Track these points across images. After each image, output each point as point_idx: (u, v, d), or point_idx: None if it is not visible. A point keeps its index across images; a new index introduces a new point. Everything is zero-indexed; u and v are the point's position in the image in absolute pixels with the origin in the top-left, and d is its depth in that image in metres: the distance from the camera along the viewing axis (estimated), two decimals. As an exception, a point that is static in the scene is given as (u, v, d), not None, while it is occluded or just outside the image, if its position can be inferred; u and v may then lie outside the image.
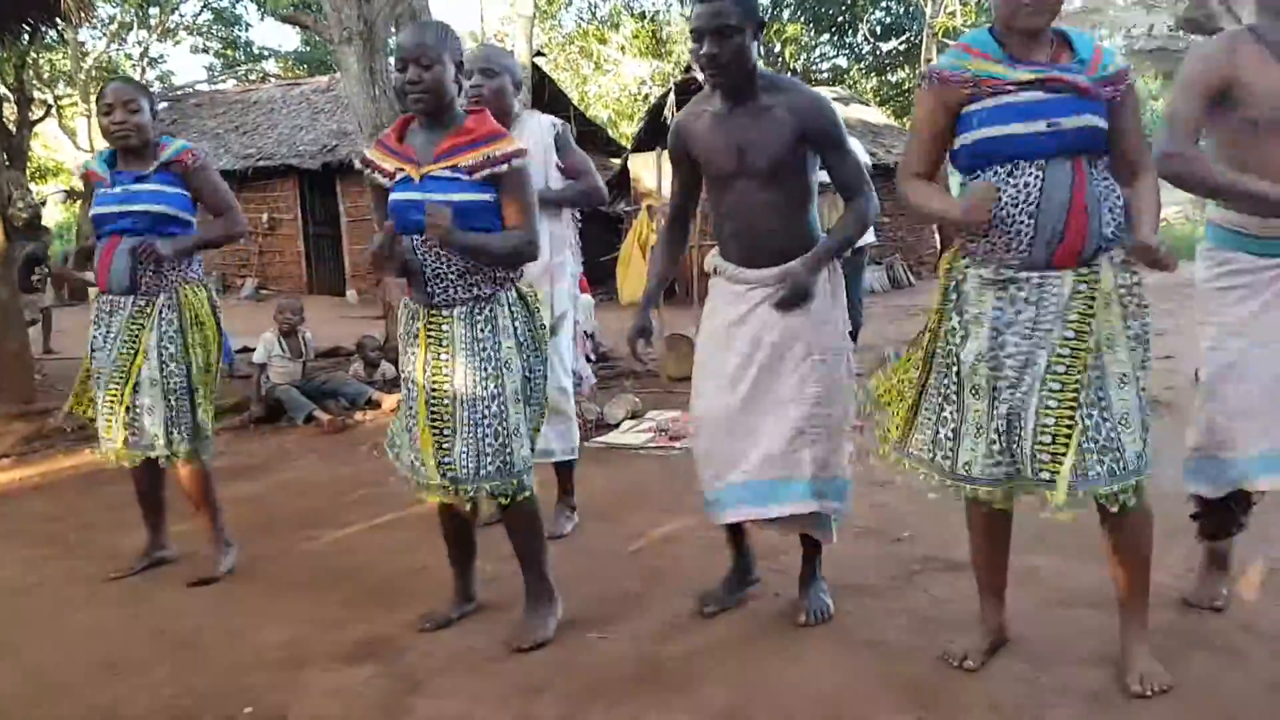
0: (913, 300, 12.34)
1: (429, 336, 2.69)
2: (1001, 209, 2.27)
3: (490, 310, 2.68)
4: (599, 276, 12.03)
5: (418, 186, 2.63)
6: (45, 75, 24.79)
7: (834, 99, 17.24)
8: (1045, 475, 2.29)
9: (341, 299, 16.17)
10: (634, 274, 8.25)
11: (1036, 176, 2.24)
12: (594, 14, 25.24)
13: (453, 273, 2.64)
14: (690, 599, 3.04)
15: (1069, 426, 2.26)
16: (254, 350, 6.46)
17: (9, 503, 4.33)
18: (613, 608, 3.06)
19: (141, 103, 3.27)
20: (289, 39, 26.15)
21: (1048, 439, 2.28)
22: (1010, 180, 2.27)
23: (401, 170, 2.66)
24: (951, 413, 2.42)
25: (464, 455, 2.66)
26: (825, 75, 24.24)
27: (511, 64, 3.64)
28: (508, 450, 2.67)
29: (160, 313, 3.27)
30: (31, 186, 12.81)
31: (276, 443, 5.76)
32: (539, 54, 18.49)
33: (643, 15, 24.59)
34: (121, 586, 3.38)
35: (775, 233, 2.72)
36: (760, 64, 2.72)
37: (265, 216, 17.70)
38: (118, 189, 3.27)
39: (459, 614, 2.99)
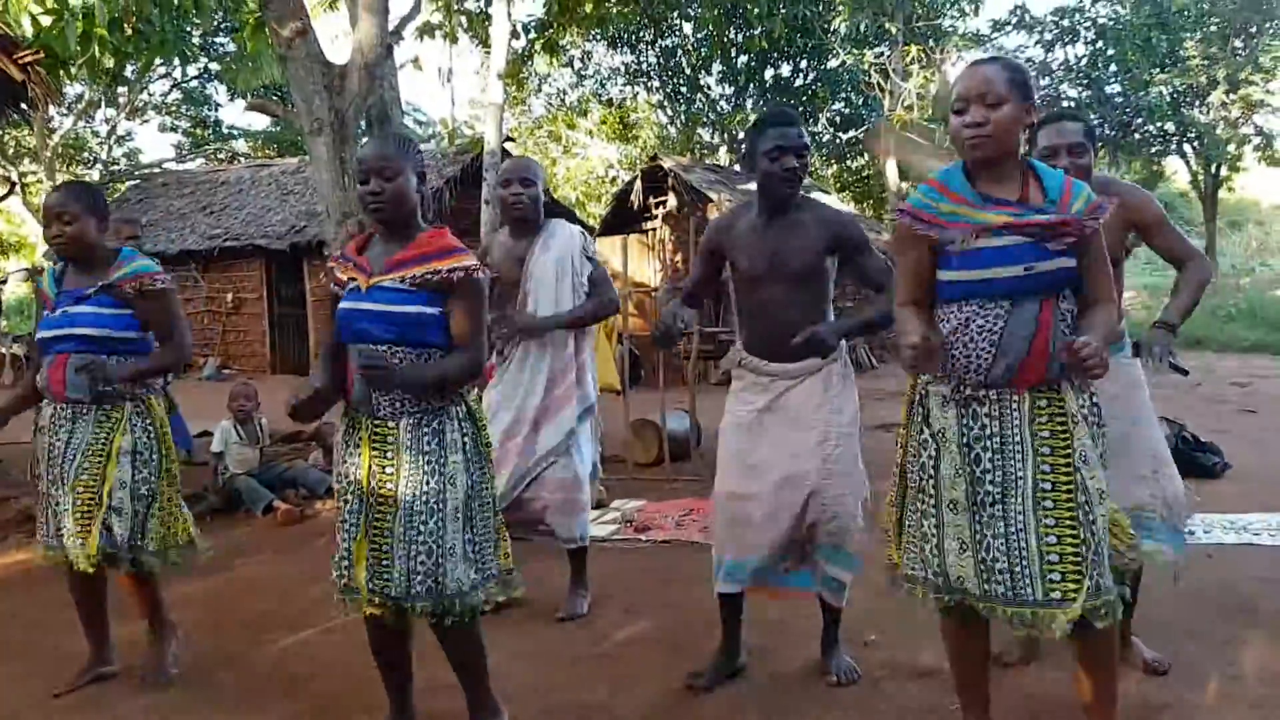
0: (875, 384, 12.43)
1: (373, 445, 2.60)
2: (967, 336, 2.30)
3: (438, 423, 2.60)
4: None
5: (365, 296, 2.62)
6: (10, 152, 24.73)
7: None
8: (1056, 595, 2.25)
9: (304, 379, 16.00)
10: (601, 359, 8.29)
11: (1005, 309, 2.27)
12: (563, 100, 25.70)
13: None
14: (656, 709, 2.97)
15: (1074, 546, 2.25)
16: (212, 435, 6.35)
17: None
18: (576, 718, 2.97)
19: (77, 212, 3.14)
20: (258, 119, 26.41)
21: (1055, 558, 2.25)
22: (979, 313, 2.29)
23: (354, 280, 2.66)
24: (931, 527, 2.40)
25: (398, 571, 2.55)
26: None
27: (543, 173, 3.87)
28: (440, 570, 2.56)
29: (130, 419, 3.19)
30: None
31: (231, 536, 5.61)
32: (509, 139, 18.73)
33: (610, 102, 25.09)
34: (66, 699, 3.23)
35: (798, 328, 2.98)
36: None
37: (230, 296, 17.61)
38: (58, 312, 3.18)
39: None
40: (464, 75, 63.37)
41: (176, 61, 21.93)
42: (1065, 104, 20.69)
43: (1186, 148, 22.95)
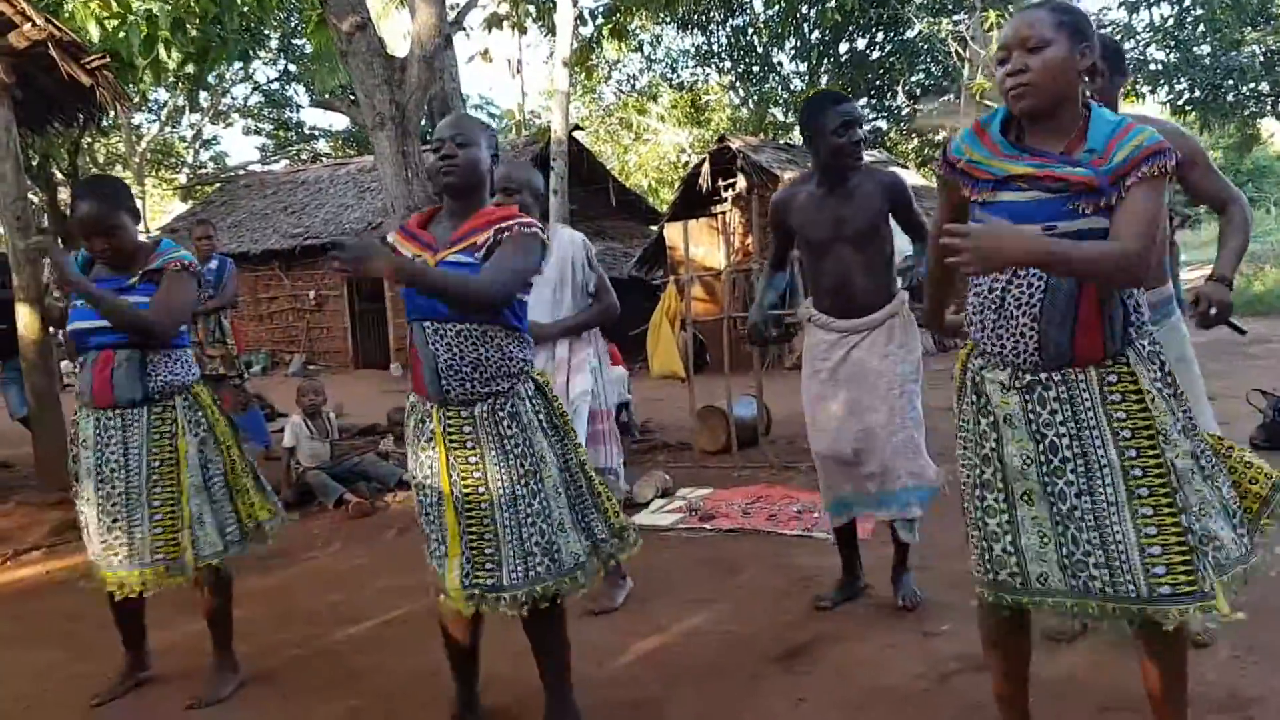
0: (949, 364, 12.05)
1: (449, 439, 2.55)
2: (1006, 313, 2.11)
3: (511, 405, 2.55)
4: (634, 348, 11.97)
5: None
6: (100, 159, 25.62)
7: (871, 163, 17.33)
8: (1165, 590, 2.01)
9: (386, 372, 16.30)
10: (664, 346, 8.17)
11: (1040, 278, 2.06)
12: (633, 86, 25.59)
13: (466, 366, 2.52)
14: (713, 706, 2.90)
15: (1178, 535, 2.01)
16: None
17: (31, 601, 4.30)
18: (632, 716, 2.91)
19: (119, 221, 3.01)
20: (339, 119, 26.88)
21: (1157, 550, 2.02)
22: (1014, 282, 2.10)
23: (419, 256, 2.58)
24: (1001, 524, 2.18)
25: (510, 559, 2.51)
26: (865, 138, 24.25)
27: (532, 179, 3.73)
28: (555, 548, 2.54)
29: (184, 415, 3.05)
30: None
31: (304, 529, 5.70)
32: (577, 128, 18.74)
33: (680, 85, 24.89)
34: (125, 699, 3.27)
35: (863, 288, 3.40)
36: None
37: (312, 294, 18.01)
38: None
39: None
40: (535, 66, 63.85)
41: (255, 64, 22.49)
42: (1153, 67, 19.80)
43: (1282, 108, 21.77)
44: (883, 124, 24.38)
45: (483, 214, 2.59)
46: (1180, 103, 19.92)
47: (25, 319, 6.16)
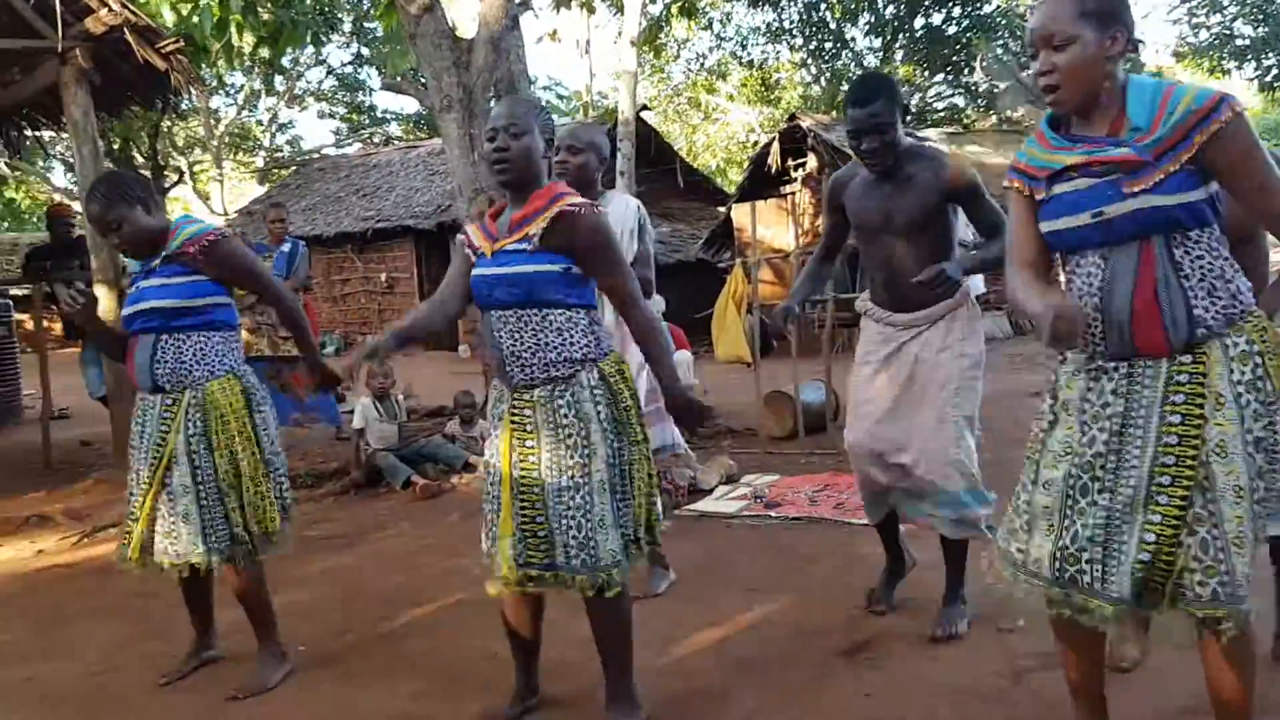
0: (1032, 348, 11.78)
1: (513, 420, 2.60)
2: (1074, 299, 2.04)
3: (572, 394, 2.56)
4: (698, 331, 11.89)
5: (491, 261, 2.59)
6: (180, 142, 26.23)
7: (947, 136, 16.87)
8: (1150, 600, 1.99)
9: (454, 354, 16.45)
10: (729, 330, 8.08)
11: (1098, 266, 2.01)
12: (702, 64, 25.34)
13: (526, 351, 2.55)
14: (776, 698, 2.84)
15: (1172, 547, 1.96)
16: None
17: (107, 576, 4.38)
18: (692, 707, 2.86)
19: (123, 214, 3.00)
20: (411, 102, 27.14)
21: (1146, 558, 1.97)
22: (1076, 272, 2.05)
23: (482, 247, 2.64)
24: (1024, 503, 2.16)
25: (558, 543, 2.55)
26: (941, 115, 23.71)
27: (597, 139, 3.66)
28: (592, 544, 2.54)
29: (186, 413, 3.03)
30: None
31: (372, 510, 5.76)
32: (644, 108, 18.64)
33: (750, 63, 24.57)
34: (192, 676, 3.32)
35: (920, 282, 3.05)
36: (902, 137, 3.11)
37: (384, 276, 18.24)
38: (134, 288, 3.12)
39: (519, 712, 2.83)
40: (604, 46, 63.48)
41: (329, 47, 22.77)
42: (1240, 42, 18.99)
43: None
44: (959, 100, 23.82)
45: (535, 196, 2.59)
46: (1268, 79, 19.06)
47: (103, 299, 6.30)
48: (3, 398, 9.66)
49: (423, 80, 8.18)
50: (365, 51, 25.89)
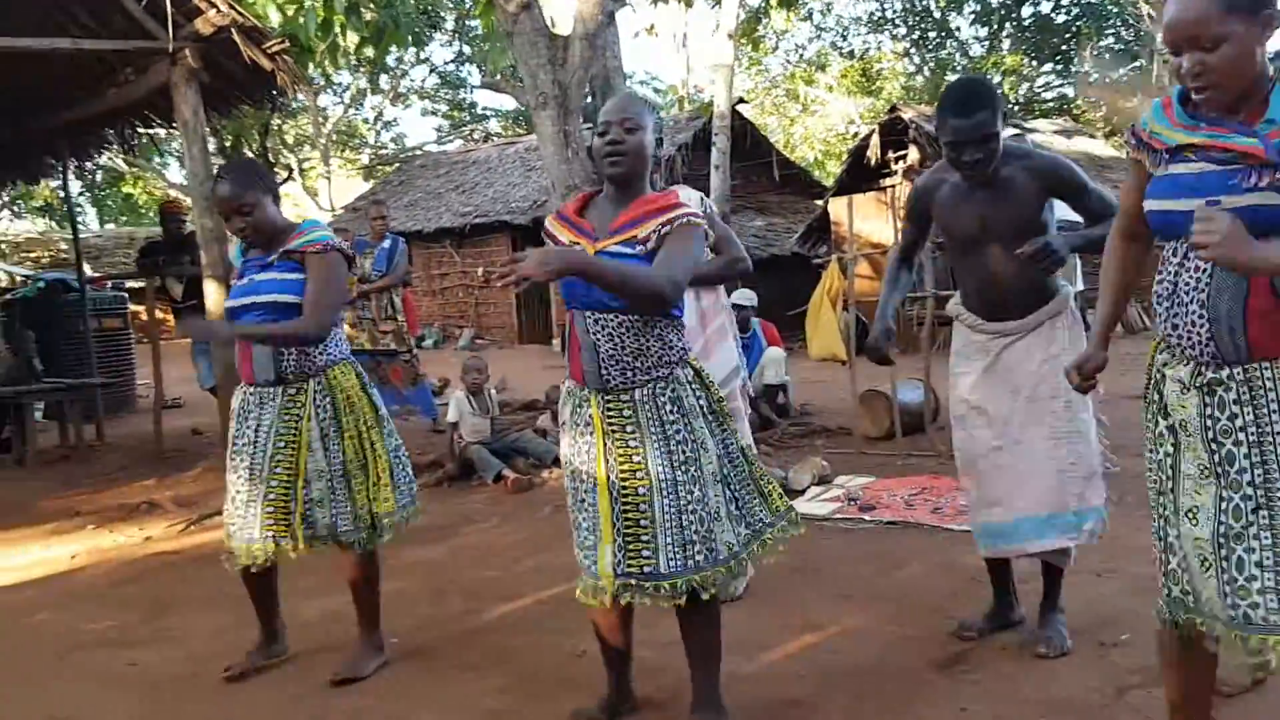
0: (1142, 348, 11.30)
1: (608, 426, 2.50)
2: (1177, 298, 1.91)
3: (673, 390, 2.49)
4: (792, 327, 11.72)
5: None
6: (290, 140, 27.03)
7: (1055, 131, 16.32)
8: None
9: (548, 347, 16.61)
10: (824, 327, 7.90)
11: (1206, 261, 1.85)
12: (801, 56, 25.03)
13: (628, 355, 2.47)
14: (867, 710, 2.76)
15: None
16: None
17: (210, 565, 4.48)
18: (780, 716, 2.80)
19: (255, 200, 3.05)
20: (510, 99, 27.44)
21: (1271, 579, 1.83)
22: (1184, 266, 1.91)
23: (577, 244, 2.54)
24: (1176, 537, 2.00)
25: (669, 548, 2.46)
26: (1049, 105, 22.97)
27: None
28: (712, 536, 2.48)
29: (314, 400, 3.09)
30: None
31: (464, 503, 5.83)
32: (741, 101, 18.48)
33: (851, 54, 24.17)
34: (288, 663, 3.38)
35: (1016, 288, 2.98)
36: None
37: (481, 270, 18.50)
38: (244, 279, 3.17)
39: (609, 716, 2.80)
40: (701, 39, 63.29)
41: (431, 46, 23.19)
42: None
43: None
44: (1069, 91, 23.03)
45: (642, 202, 2.51)
46: None
47: (212, 294, 6.52)
48: (118, 387, 10.09)
49: (519, 78, 8.24)
50: (467, 49, 26.30)
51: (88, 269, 12.11)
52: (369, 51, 8.67)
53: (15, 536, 5.52)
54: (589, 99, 7.49)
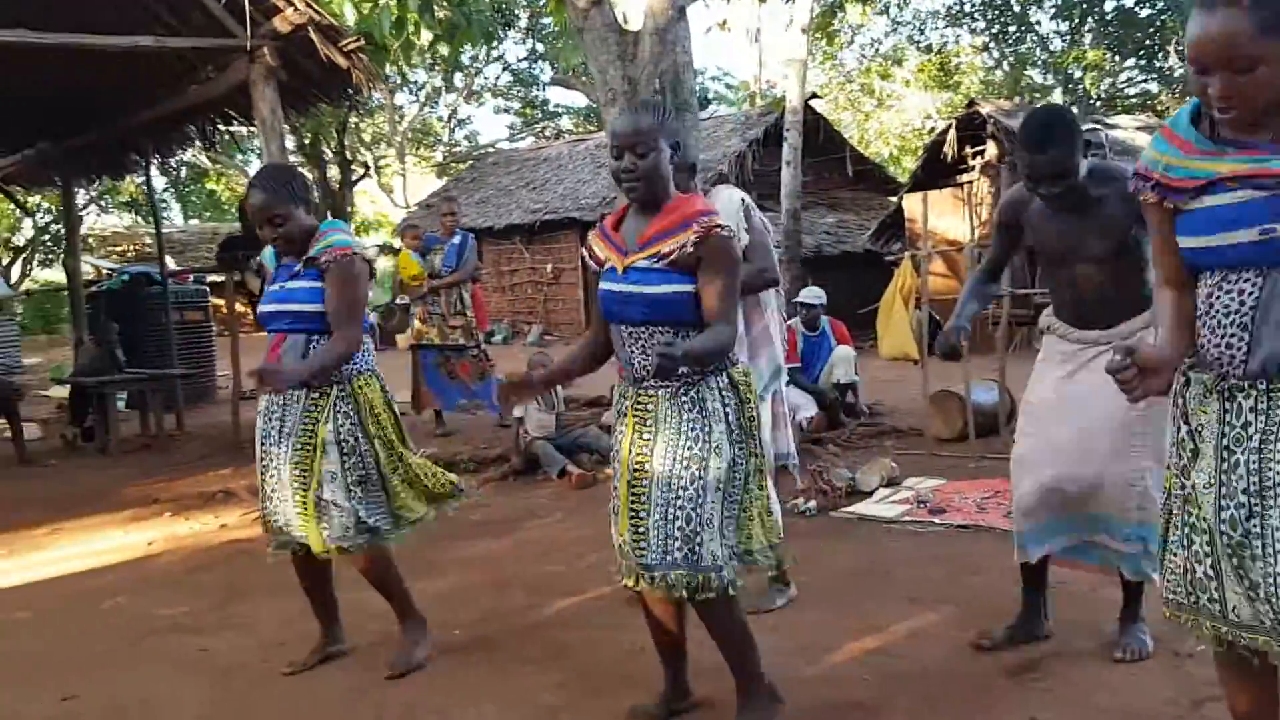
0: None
1: (635, 415, 2.58)
2: (1212, 318, 1.83)
3: (698, 392, 2.52)
4: (863, 325, 11.54)
5: (621, 278, 2.55)
6: (367, 138, 27.52)
7: (1138, 128, 15.82)
8: None
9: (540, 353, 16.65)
10: (895, 325, 7.72)
11: (1254, 284, 1.77)
12: (876, 50, 24.65)
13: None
14: (934, 713, 2.71)
15: None
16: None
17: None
18: (841, 718, 2.75)
19: (287, 211, 3.04)
20: (582, 96, 27.57)
21: None
22: (1223, 288, 1.81)
23: (609, 260, 2.60)
24: (1204, 544, 1.91)
25: (655, 537, 2.50)
26: (1133, 102, 22.29)
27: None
28: (696, 540, 2.47)
29: (335, 405, 3.08)
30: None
31: (528, 497, 5.86)
32: (814, 96, 18.29)
33: (929, 48, 23.73)
34: (349, 655, 3.42)
35: (1109, 302, 2.94)
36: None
37: (550, 266, 18.64)
38: (276, 286, 3.19)
39: (665, 712, 2.79)
40: (775, 34, 62.77)
41: (505, 44, 23.39)
42: None
43: None
44: (1153, 86, 22.33)
45: (667, 210, 2.54)
46: None
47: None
48: (198, 378, 10.37)
49: (589, 75, 8.24)
50: (540, 47, 26.48)
51: (171, 263, 12.48)
52: (443, 49, 8.75)
53: (96, 523, 5.71)
54: (658, 95, 7.45)
